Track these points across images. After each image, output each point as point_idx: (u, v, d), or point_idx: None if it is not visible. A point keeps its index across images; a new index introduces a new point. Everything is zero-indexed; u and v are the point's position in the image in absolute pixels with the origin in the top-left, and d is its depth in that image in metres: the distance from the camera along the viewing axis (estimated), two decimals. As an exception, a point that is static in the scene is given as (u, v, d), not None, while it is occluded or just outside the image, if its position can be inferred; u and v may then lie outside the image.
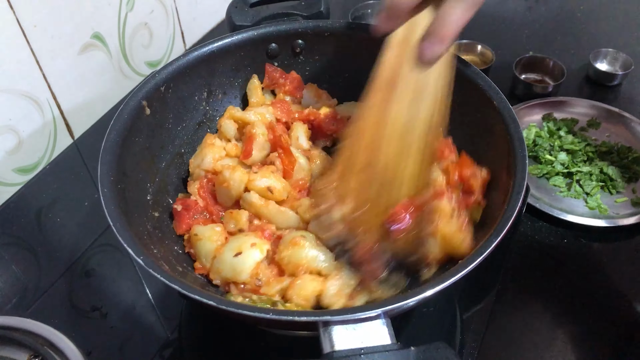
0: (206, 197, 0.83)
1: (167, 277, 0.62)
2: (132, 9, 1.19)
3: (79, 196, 1.04)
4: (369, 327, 0.58)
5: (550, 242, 0.96)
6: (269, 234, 0.76)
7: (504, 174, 0.75)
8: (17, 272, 0.92)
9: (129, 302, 0.88)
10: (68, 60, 1.09)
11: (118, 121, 0.78)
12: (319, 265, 0.72)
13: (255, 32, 0.92)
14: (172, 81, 0.86)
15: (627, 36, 1.40)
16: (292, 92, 0.97)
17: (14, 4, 0.95)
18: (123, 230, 0.66)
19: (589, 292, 0.89)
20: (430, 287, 0.60)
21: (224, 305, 0.60)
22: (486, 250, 0.63)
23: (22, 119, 1.04)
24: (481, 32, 1.44)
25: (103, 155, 0.74)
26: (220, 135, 0.91)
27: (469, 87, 0.84)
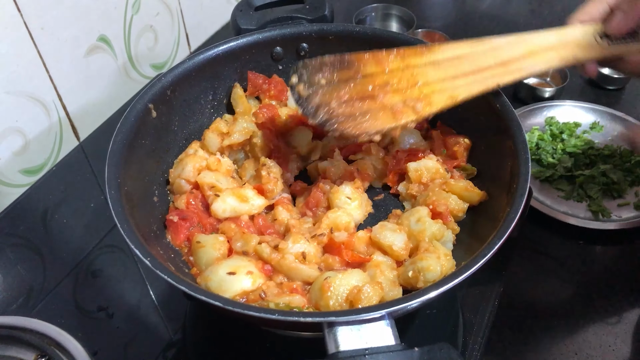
0: (197, 211, 0.84)
1: (173, 278, 0.63)
2: (137, 12, 1.20)
3: (85, 198, 1.05)
4: (373, 328, 0.59)
5: (553, 244, 0.97)
6: (268, 270, 0.77)
7: (507, 176, 0.76)
8: (23, 273, 0.93)
9: (134, 303, 0.89)
10: (74, 62, 1.10)
11: (125, 124, 0.79)
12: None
13: (260, 35, 0.94)
14: (178, 84, 0.88)
15: None
16: (277, 96, 1.00)
17: (21, 7, 0.97)
18: (130, 232, 0.67)
19: (591, 294, 0.89)
20: (434, 288, 0.61)
21: (230, 306, 0.61)
22: (489, 253, 0.64)
23: (29, 120, 1.06)
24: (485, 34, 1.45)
25: (110, 158, 0.75)
26: (204, 148, 0.93)
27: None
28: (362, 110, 0.76)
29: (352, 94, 0.76)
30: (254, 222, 0.83)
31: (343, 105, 0.75)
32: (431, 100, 0.76)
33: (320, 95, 0.75)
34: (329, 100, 0.75)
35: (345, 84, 0.77)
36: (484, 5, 1.61)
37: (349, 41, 0.95)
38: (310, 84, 0.76)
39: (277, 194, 0.88)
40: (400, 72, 0.79)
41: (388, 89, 0.78)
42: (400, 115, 0.76)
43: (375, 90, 0.77)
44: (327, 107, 0.75)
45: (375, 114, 0.76)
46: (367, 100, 0.76)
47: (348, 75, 0.78)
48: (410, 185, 0.88)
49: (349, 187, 0.86)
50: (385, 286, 0.72)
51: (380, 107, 0.76)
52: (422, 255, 0.75)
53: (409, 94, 0.77)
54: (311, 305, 0.72)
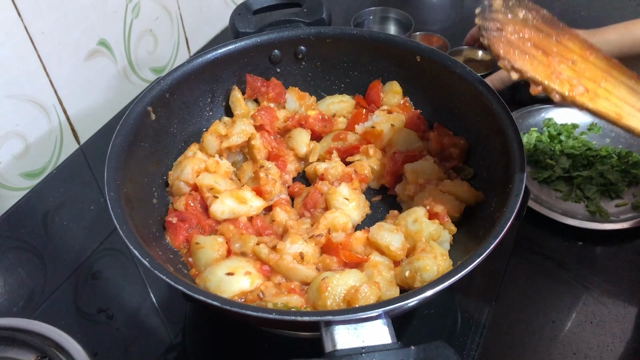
0: (196, 213, 0.85)
1: (172, 278, 0.64)
2: (137, 16, 1.22)
3: (85, 201, 1.06)
4: (370, 327, 0.60)
5: (551, 245, 0.98)
6: (266, 271, 0.78)
7: (503, 177, 0.77)
8: (24, 276, 0.94)
9: (134, 305, 0.89)
10: (74, 66, 1.12)
11: (124, 126, 0.80)
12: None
13: (258, 38, 0.95)
14: (177, 87, 0.89)
15: None
16: (275, 98, 1.01)
17: (22, 12, 0.98)
18: (129, 233, 0.68)
19: (589, 294, 0.90)
20: (430, 287, 0.62)
21: (228, 306, 0.62)
22: (484, 252, 0.64)
23: (29, 124, 1.07)
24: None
25: (109, 160, 0.76)
26: (203, 150, 0.94)
27: (470, 92, 0.86)
28: (527, 50, 0.72)
29: (533, 39, 0.73)
30: (253, 224, 0.84)
31: (515, 35, 0.72)
32: (596, 100, 0.71)
33: (506, 17, 0.72)
34: (507, 23, 0.72)
35: (536, 31, 0.73)
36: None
37: (346, 44, 0.97)
38: (508, 7, 0.74)
39: (276, 196, 0.89)
40: (594, 68, 0.74)
41: (569, 64, 0.73)
42: (555, 78, 0.70)
43: (556, 54, 0.73)
44: (501, 24, 0.72)
45: (534, 60, 0.71)
46: (540, 51, 0.72)
47: (547, 30, 0.75)
48: (408, 186, 0.89)
49: (346, 188, 0.87)
50: (383, 286, 0.73)
51: (545, 63, 0.72)
52: (419, 255, 0.76)
53: (582, 80, 0.72)
54: (309, 305, 0.73)
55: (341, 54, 1.00)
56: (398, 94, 1.02)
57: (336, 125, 1.00)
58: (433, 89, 0.97)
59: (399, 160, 0.91)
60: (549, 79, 0.70)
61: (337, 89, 1.07)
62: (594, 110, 0.70)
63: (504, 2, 0.74)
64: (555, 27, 0.76)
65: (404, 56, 0.96)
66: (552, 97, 0.70)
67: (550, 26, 0.75)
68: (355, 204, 0.86)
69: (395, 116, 0.96)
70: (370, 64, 1.01)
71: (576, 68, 0.73)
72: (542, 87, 0.70)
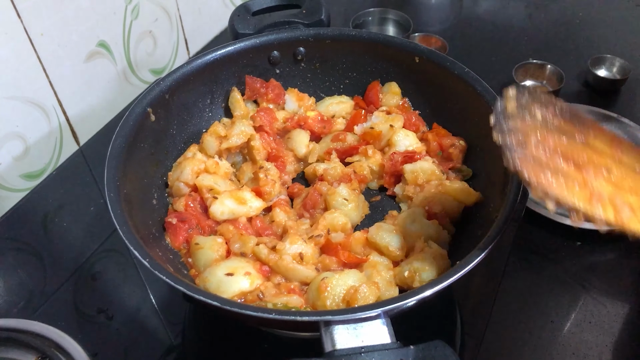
0: (196, 214, 0.86)
1: (172, 279, 0.64)
2: (136, 17, 1.22)
3: (85, 202, 1.07)
4: (369, 327, 0.60)
5: (550, 245, 0.99)
6: (265, 271, 0.78)
7: (501, 178, 0.77)
8: (23, 276, 0.95)
9: (133, 306, 0.90)
10: (74, 67, 1.12)
11: (124, 127, 0.81)
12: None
13: (257, 40, 0.96)
14: (177, 88, 0.90)
15: (625, 42, 1.43)
16: (274, 99, 1.03)
17: (21, 13, 0.99)
18: (129, 234, 0.69)
19: (588, 294, 0.91)
20: (428, 287, 0.63)
21: (228, 306, 0.62)
22: (482, 253, 0.65)
23: (29, 125, 1.07)
24: (482, 39, 1.47)
25: (109, 161, 0.77)
26: (202, 151, 0.95)
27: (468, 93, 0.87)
28: (557, 167, 0.63)
29: (559, 147, 0.65)
30: (252, 224, 0.85)
31: (540, 148, 0.64)
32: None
33: (524, 124, 0.65)
34: (529, 133, 0.64)
35: (559, 134, 0.66)
36: (480, 9, 1.63)
37: (345, 45, 0.98)
38: (523, 107, 0.67)
39: (275, 196, 0.89)
40: (631, 172, 0.67)
41: (604, 173, 0.65)
42: (597, 203, 0.62)
43: (588, 164, 0.65)
44: (523, 137, 0.64)
45: (570, 182, 0.62)
46: (572, 164, 0.64)
47: (569, 130, 0.67)
48: (407, 186, 0.90)
49: (345, 189, 0.88)
50: (382, 286, 0.74)
51: (581, 181, 0.63)
52: (418, 255, 0.76)
53: (624, 196, 0.63)
54: (309, 305, 0.73)
55: (340, 55, 1.01)
56: (397, 94, 1.03)
57: (335, 126, 1.01)
58: (432, 89, 0.98)
59: (398, 161, 0.91)
60: (589, 204, 0.61)
61: (336, 90, 1.08)
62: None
63: (518, 102, 0.67)
64: (576, 122, 0.68)
65: (403, 57, 0.97)
66: (598, 227, 0.62)
67: (571, 123, 0.68)
68: (355, 204, 0.87)
69: (394, 117, 0.96)
70: (369, 65, 1.02)
71: (613, 178, 0.65)
72: (584, 216, 0.61)
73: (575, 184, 0.62)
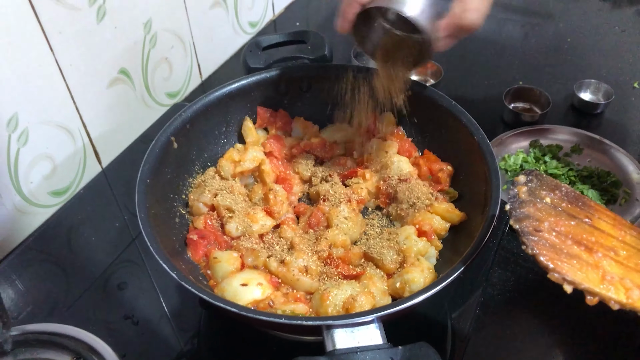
0: (214, 231, 0.98)
1: (196, 288, 0.78)
2: (154, 46, 1.36)
3: (106, 219, 1.19)
4: (364, 330, 0.73)
5: (534, 259, 1.10)
6: (275, 282, 0.91)
7: (482, 200, 0.90)
8: (51, 286, 1.06)
9: (146, 314, 1.00)
10: (97, 93, 1.25)
11: (151, 154, 0.94)
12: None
13: (267, 74, 1.10)
14: (196, 118, 1.04)
15: (609, 68, 1.55)
16: (282, 127, 1.16)
17: (53, 47, 1.11)
18: (158, 250, 0.82)
19: (569, 304, 0.98)
20: (414, 297, 0.75)
21: (244, 312, 0.75)
22: (462, 266, 0.77)
23: (57, 147, 1.20)
24: (476, 63, 1.59)
25: (139, 185, 0.90)
26: (219, 174, 1.08)
27: (455, 124, 1.00)
28: (570, 251, 0.69)
29: (570, 231, 0.71)
30: (263, 240, 0.98)
31: (554, 233, 0.70)
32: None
33: (536, 210, 0.71)
34: (542, 219, 0.70)
35: (568, 217, 0.72)
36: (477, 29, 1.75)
37: (345, 79, 1.10)
38: (532, 193, 0.73)
39: (283, 215, 1.02)
40: (635, 251, 0.73)
41: (612, 255, 0.71)
42: (609, 285, 0.67)
43: (597, 246, 0.71)
44: (537, 223, 0.69)
45: (583, 265, 0.68)
46: (583, 247, 0.70)
47: (576, 212, 0.74)
48: (400, 206, 1.02)
49: (346, 208, 1.00)
50: (377, 295, 0.87)
51: (593, 264, 0.69)
52: (409, 269, 0.89)
53: (632, 276, 0.69)
54: (313, 312, 0.86)
55: (341, 87, 1.13)
56: (392, 123, 1.15)
57: (336, 151, 1.14)
58: (423, 120, 1.11)
59: (393, 183, 1.04)
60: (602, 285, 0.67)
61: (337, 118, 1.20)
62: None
63: (527, 187, 0.73)
64: (580, 204, 0.75)
65: (397, 90, 1.09)
66: (611, 306, 0.68)
67: (576, 205, 0.74)
68: (354, 222, 0.99)
69: (389, 144, 1.09)
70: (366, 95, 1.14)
71: (620, 259, 0.71)
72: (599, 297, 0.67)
73: (588, 266, 0.68)
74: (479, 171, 0.94)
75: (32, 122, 1.11)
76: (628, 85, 1.49)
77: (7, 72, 1.02)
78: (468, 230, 0.94)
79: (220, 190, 1.01)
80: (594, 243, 0.71)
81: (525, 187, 0.73)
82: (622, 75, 1.52)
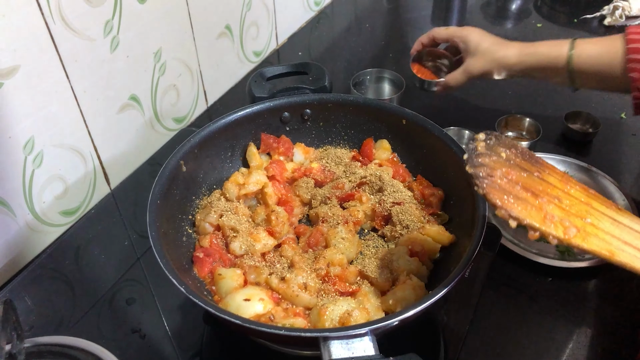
0: (219, 249, 1.06)
1: (203, 302, 0.85)
2: (163, 74, 1.45)
3: (113, 238, 1.27)
4: (358, 342, 0.79)
5: (525, 281, 1.16)
6: (276, 297, 0.97)
7: (469, 223, 0.98)
8: (60, 301, 1.13)
9: (147, 330, 1.06)
10: (109, 118, 1.33)
11: (161, 177, 1.03)
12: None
13: (271, 103, 1.20)
14: (204, 144, 1.12)
15: (598, 99, 1.63)
16: (284, 152, 1.24)
17: (69, 74, 1.19)
18: (168, 266, 0.89)
19: (558, 325, 1.07)
20: (405, 311, 0.83)
21: (247, 324, 0.83)
22: (449, 285, 0.85)
23: (69, 169, 1.27)
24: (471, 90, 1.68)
25: (150, 205, 0.98)
26: (224, 196, 1.15)
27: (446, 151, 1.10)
28: (518, 194, 0.77)
29: (519, 180, 0.79)
30: (265, 258, 1.05)
31: (505, 179, 0.78)
32: (588, 238, 0.77)
33: (491, 160, 0.79)
34: (495, 167, 0.79)
35: (520, 170, 0.80)
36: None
37: (344, 108, 1.20)
38: (489, 148, 0.81)
39: (284, 235, 1.09)
40: (577, 202, 0.80)
41: (556, 202, 0.79)
42: (549, 222, 0.76)
43: (543, 194, 0.79)
44: (490, 170, 0.78)
45: (527, 205, 0.77)
46: (529, 193, 0.78)
47: (528, 167, 0.81)
48: (394, 228, 1.09)
49: (343, 229, 1.08)
50: (371, 311, 0.94)
51: (537, 205, 0.77)
52: (401, 286, 0.96)
53: (571, 219, 0.77)
54: (311, 326, 0.93)
55: (340, 116, 1.23)
56: (387, 150, 1.23)
57: (335, 175, 1.22)
58: (416, 147, 1.19)
59: (388, 206, 1.12)
60: (544, 224, 0.76)
61: (336, 144, 1.29)
62: (589, 250, 0.76)
63: (486, 144, 0.81)
64: (533, 162, 0.83)
65: (392, 119, 1.18)
66: (550, 241, 0.77)
67: (529, 162, 0.83)
68: (350, 243, 1.06)
69: (384, 169, 1.17)
70: (364, 125, 1.24)
71: (563, 205, 0.79)
72: (540, 233, 0.76)
73: (532, 207, 0.77)
74: (467, 196, 1.02)
75: (47, 145, 1.19)
76: (615, 115, 1.58)
77: (26, 98, 1.11)
78: (457, 251, 1.01)
79: (225, 211, 1.09)
80: (540, 191, 0.79)
81: (483, 143, 0.81)
82: (610, 107, 1.60)
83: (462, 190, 1.05)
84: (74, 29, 1.16)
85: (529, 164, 0.83)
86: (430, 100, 1.59)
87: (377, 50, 1.94)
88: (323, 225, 1.10)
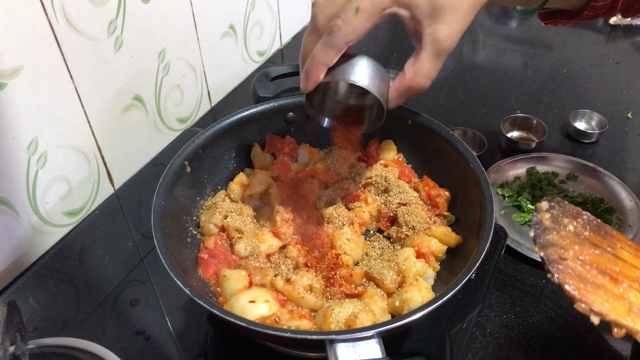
0: (224, 251, 1.05)
1: (208, 304, 0.84)
2: (167, 74, 1.45)
3: (117, 238, 1.26)
4: (365, 345, 0.78)
5: (530, 281, 1.16)
6: (281, 299, 0.97)
7: (477, 224, 0.97)
8: (64, 302, 1.13)
9: (151, 331, 1.05)
10: (113, 118, 1.33)
11: (166, 178, 1.02)
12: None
13: (275, 103, 1.19)
14: (208, 144, 1.12)
15: (604, 98, 1.63)
16: (289, 153, 1.23)
17: (73, 74, 1.19)
18: (172, 267, 0.89)
19: (564, 326, 1.07)
20: (412, 314, 0.82)
21: (253, 326, 0.82)
22: (457, 286, 0.84)
23: (73, 169, 1.27)
24: (477, 90, 1.69)
25: (155, 206, 0.97)
26: (229, 197, 1.15)
27: (452, 152, 1.09)
28: (596, 281, 0.69)
29: (594, 260, 0.71)
30: (270, 259, 1.05)
31: (578, 262, 0.70)
32: None
33: (560, 237, 0.72)
34: (567, 247, 0.71)
35: (591, 246, 0.73)
36: (478, 58, 1.85)
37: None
38: (555, 220, 0.74)
39: (289, 236, 1.09)
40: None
41: (637, 286, 0.71)
42: (637, 318, 0.68)
43: (622, 276, 0.71)
44: (562, 251, 0.70)
45: (609, 295, 0.69)
46: (607, 277, 0.70)
47: (599, 241, 0.75)
48: (400, 229, 1.08)
49: (349, 230, 1.07)
50: (377, 313, 0.93)
51: (618, 295, 0.69)
52: (407, 288, 0.95)
53: None
54: (317, 328, 0.92)
55: (344, 114, 1.23)
56: (393, 150, 1.22)
57: (340, 176, 1.21)
58: (422, 147, 1.18)
59: (393, 207, 1.12)
60: (629, 318, 0.67)
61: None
62: None
63: (551, 215, 0.74)
64: (602, 233, 0.76)
65: (398, 120, 1.17)
66: (638, 339, 0.68)
67: (598, 234, 0.75)
68: (356, 244, 1.05)
69: (390, 169, 1.16)
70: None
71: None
72: (626, 330, 0.67)
73: (614, 297, 0.68)
74: (474, 197, 1.01)
75: (51, 145, 1.19)
76: (621, 115, 1.58)
77: (29, 98, 1.11)
78: (464, 252, 1.01)
79: (230, 212, 1.08)
80: (618, 273, 0.71)
81: (548, 214, 0.74)
82: (616, 106, 1.60)
83: (469, 191, 1.04)
84: (78, 29, 1.16)
85: (599, 236, 0.75)
86: (435, 100, 1.59)
87: (382, 49, 1.94)
88: (328, 226, 1.09)
